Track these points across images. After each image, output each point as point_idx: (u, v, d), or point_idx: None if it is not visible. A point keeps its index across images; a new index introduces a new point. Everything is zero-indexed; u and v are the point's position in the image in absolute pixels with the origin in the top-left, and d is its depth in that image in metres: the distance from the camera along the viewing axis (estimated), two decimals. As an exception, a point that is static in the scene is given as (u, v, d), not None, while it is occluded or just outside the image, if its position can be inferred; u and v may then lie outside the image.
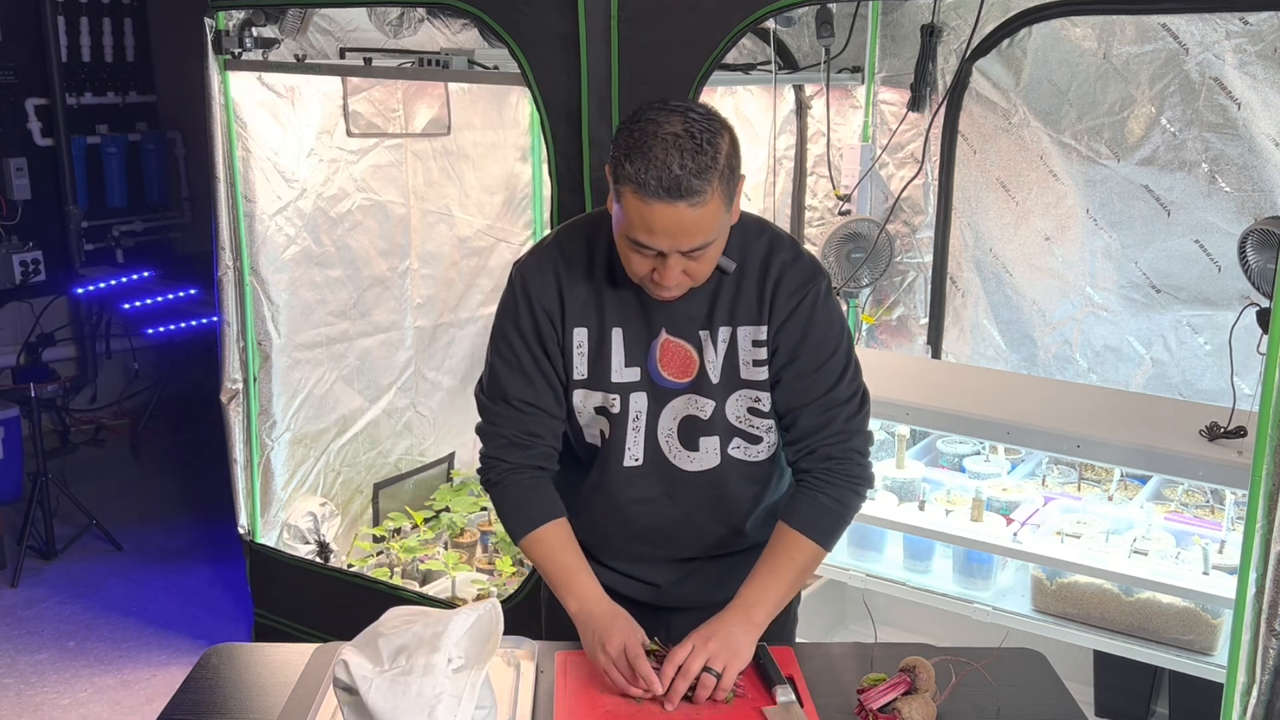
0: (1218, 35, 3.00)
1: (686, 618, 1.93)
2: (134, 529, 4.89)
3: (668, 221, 1.64)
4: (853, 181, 3.68)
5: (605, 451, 1.91)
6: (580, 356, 1.87)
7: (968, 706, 1.75)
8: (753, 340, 1.85)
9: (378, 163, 4.07)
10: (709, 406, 1.87)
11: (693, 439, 1.89)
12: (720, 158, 1.65)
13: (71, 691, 3.72)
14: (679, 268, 1.71)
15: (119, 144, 6.04)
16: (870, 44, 3.65)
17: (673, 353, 1.86)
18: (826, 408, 1.87)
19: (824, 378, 1.86)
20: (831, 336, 1.87)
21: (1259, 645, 1.95)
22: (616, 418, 1.88)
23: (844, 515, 1.89)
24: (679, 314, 1.84)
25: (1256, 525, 1.94)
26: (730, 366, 1.86)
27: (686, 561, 2.00)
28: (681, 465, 1.90)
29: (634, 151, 1.64)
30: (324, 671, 1.82)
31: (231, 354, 3.67)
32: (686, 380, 1.86)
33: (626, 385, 1.87)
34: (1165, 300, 3.25)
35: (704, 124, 1.65)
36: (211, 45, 3.44)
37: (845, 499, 1.88)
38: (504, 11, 2.79)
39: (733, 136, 1.70)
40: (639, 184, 1.63)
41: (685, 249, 1.68)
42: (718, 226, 1.69)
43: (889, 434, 3.27)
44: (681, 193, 1.62)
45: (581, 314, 1.86)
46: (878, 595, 2.99)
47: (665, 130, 1.64)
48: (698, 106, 1.70)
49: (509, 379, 1.88)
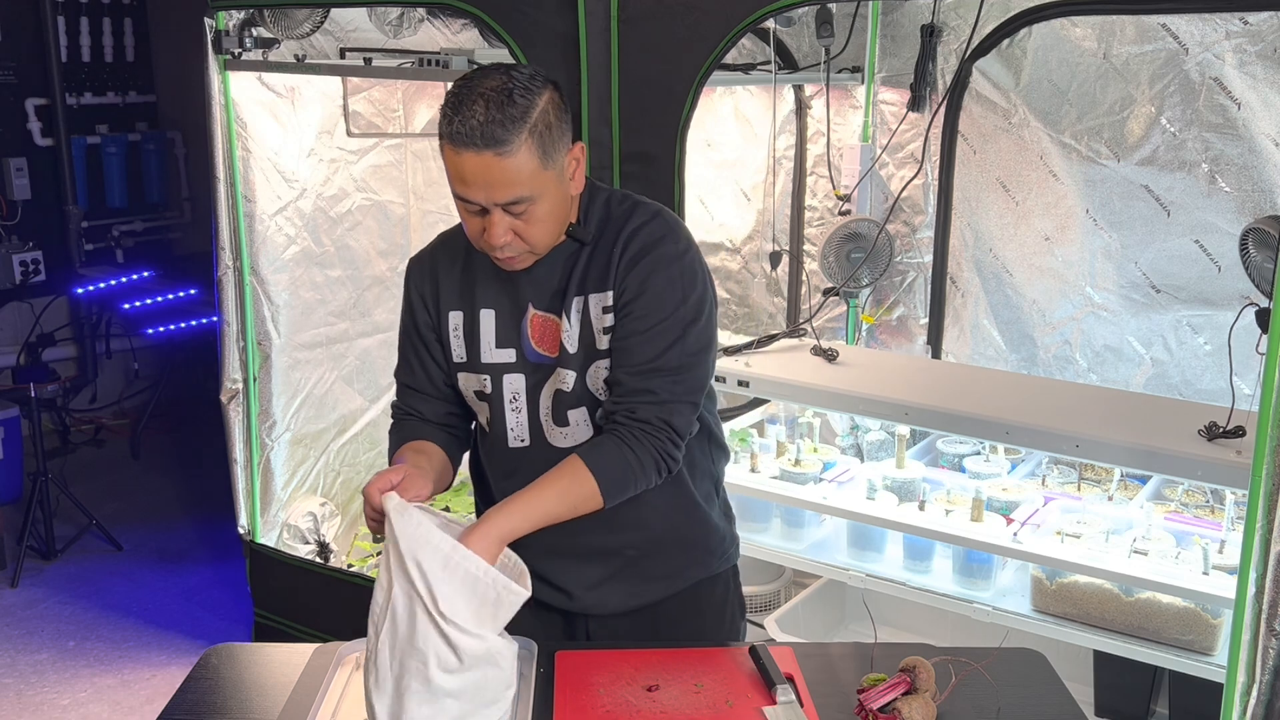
0: (1218, 35, 3.00)
1: (603, 624, 2.01)
2: (134, 529, 4.90)
3: (476, 170, 1.67)
4: (853, 181, 3.68)
5: (493, 435, 1.94)
6: (457, 339, 1.92)
7: (968, 706, 1.75)
8: (602, 307, 1.84)
9: (378, 163, 4.07)
10: (570, 378, 1.86)
11: (561, 414, 1.89)
12: (533, 112, 1.67)
13: (71, 691, 3.72)
14: (504, 225, 1.72)
15: (119, 144, 6.04)
16: (870, 44, 3.65)
17: (541, 327, 1.87)
18: (650, 373, 1.80)
19: (651, 341, 1.80)
20: (671, 301, 1.80)
21: (1259, 645, 1.95)
22: (491, 398, 1.91)
23: (635, 482, 1.81)
24: (542, 288, 1.86)
25: (1256, 525, 1.94)
26: (586, 336, 1.85)
27: (599, 562, 1.97)
28: (556, 442, 1.90)
29: (450, 106, 1.68)
30: (324, 671, 1.82)
31: (231, 354, 3.67)
32: (554, 355, 1.87)
33: (499, 366, 1.89)
34: (1165, 300, 3.25)
35: (523, 81, 1.69)
36: (211, 45, 3.44)
37: (645, 467, 1.80)
38: (504, 11, 2.79)
39: (556, 97, 1.73)
40: (450, 135, 1.67)
41: (501, 201, 1.70)
42: (534, 182, 1.70)
43: (889, 434, 3.27)
44: (485, 141, 1.65)
45: (455, 298, 1.92)
46: (878, 595, 2.99)
47: (483, 85, 1.68)
48: (525, 68, 1.73)
49: (400, 361, 2.01)
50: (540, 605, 2.01)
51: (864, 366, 3.16)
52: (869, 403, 2.92)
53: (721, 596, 2.09)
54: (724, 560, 2.08)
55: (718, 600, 2.08)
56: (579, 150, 1.80)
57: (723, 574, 2.09)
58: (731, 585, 2.12)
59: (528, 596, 1.64)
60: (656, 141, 2.68)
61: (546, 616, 2.02)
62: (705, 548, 2.04)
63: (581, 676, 1.81)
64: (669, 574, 2.00)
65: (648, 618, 2.01)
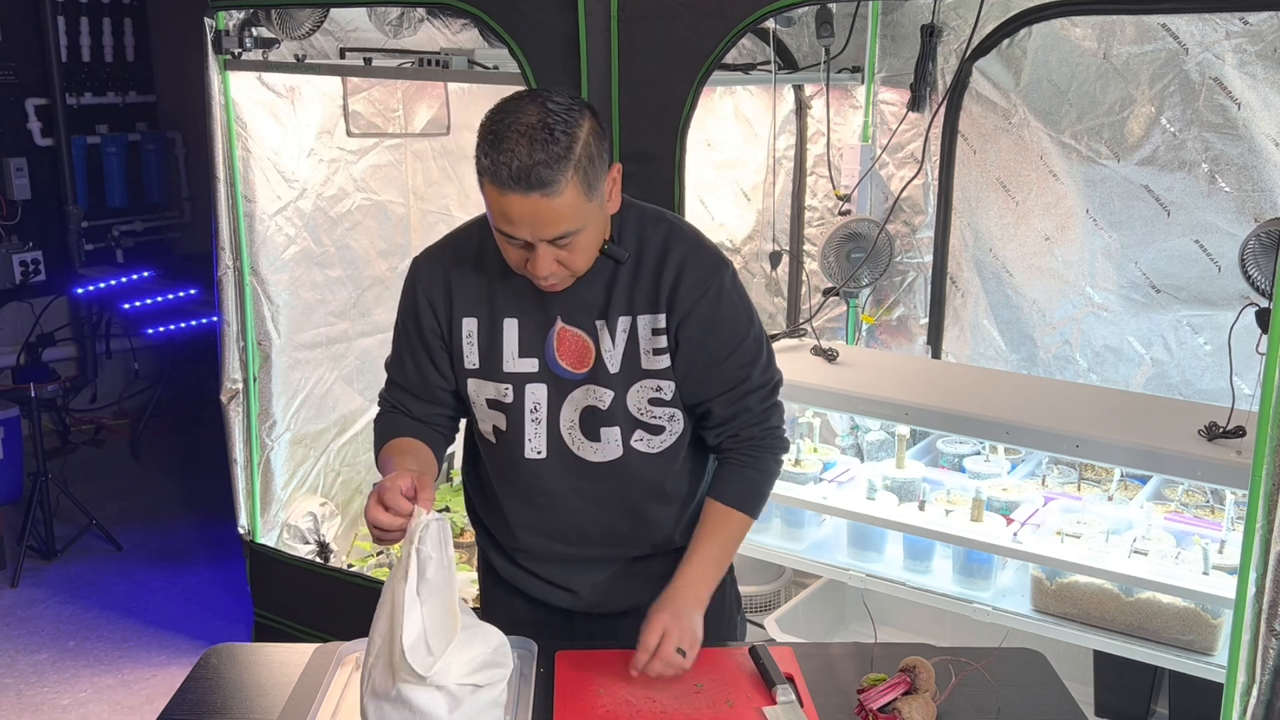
0: (1218, 35, 3.00)
1: (603, 624, 2.00)
2: (134, 529, 4.90)
3: (523, 211, 1.65)
4: (853, 181, 3.68)
5: (506, 443, 1.92)
6: (470, 346, 1.89)
7: (968, 706, 1.75)
8: (652, 329, 1.84)
9: (378, 163, 4.07)
10: (608, 397, 1.86)
11: (593, 429, 1.88)
12: (576, 147, 1.64)
13: (71, 691, 3.72)
14: (550, 256, 1.71)
15: (119, 144, 6.04)
16: (870, 44, 3.65)
17: (569, 343, 1.86)
18: (740, 396, 1.90)
19: (734, 367, 1.88)
20: (740, 325, 1.88)
21: (1259, 645, 1.95)
22: (511, 408, 1.89)
23: (768, 484, 1.96)
24: (574, 304, 1.84)
25: (1256, 525, 1.94)
26: (631, 356, 1.85)
27: (604, 565, 1.99)
28: (585, 456, 1.90)
29: (489, 143, 1.64)
30: (324, 671, 1.83)
31: (231, 354, 3.68)
32: (584, 371, 1.86)
33: (521, 376, 1.87)
34: (1165, 300, 3.25)
35: (561, 114, 1.65)
36: (211, 45, 3.44)
37: (769, 468, 1.96)
38: (504, 11, 2.79)
39: (594, 124, 1.70)
40: (494, 175, 1.64)
41: (548, 238, 1.68)
42: (579, 215, 1.68)
43: (889, 434, 3.27)
44: (533, 183, 1.62)
45: (471, 305, 1.88)
46: (878, 595, 2.99)
47: (521, 121, 1.64)
48: (561, 95, 1.69)
49: (393, 357, 2.00)
50: (541, 605, 2.02)
51: (864, 366, 3.16)
52: (869, 403, 2.92)
53: (719, 594, 2.09)
54: None
55: (716, 598, 2.08)
56: (616, 171, 1.77)
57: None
58: (728, 583, 2.12)
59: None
60: (656, 141, 2.68)
61: (547, 616, 2.02)
62: None
63: (581, 676, 1.81)
64: (669, 574, 2.00)
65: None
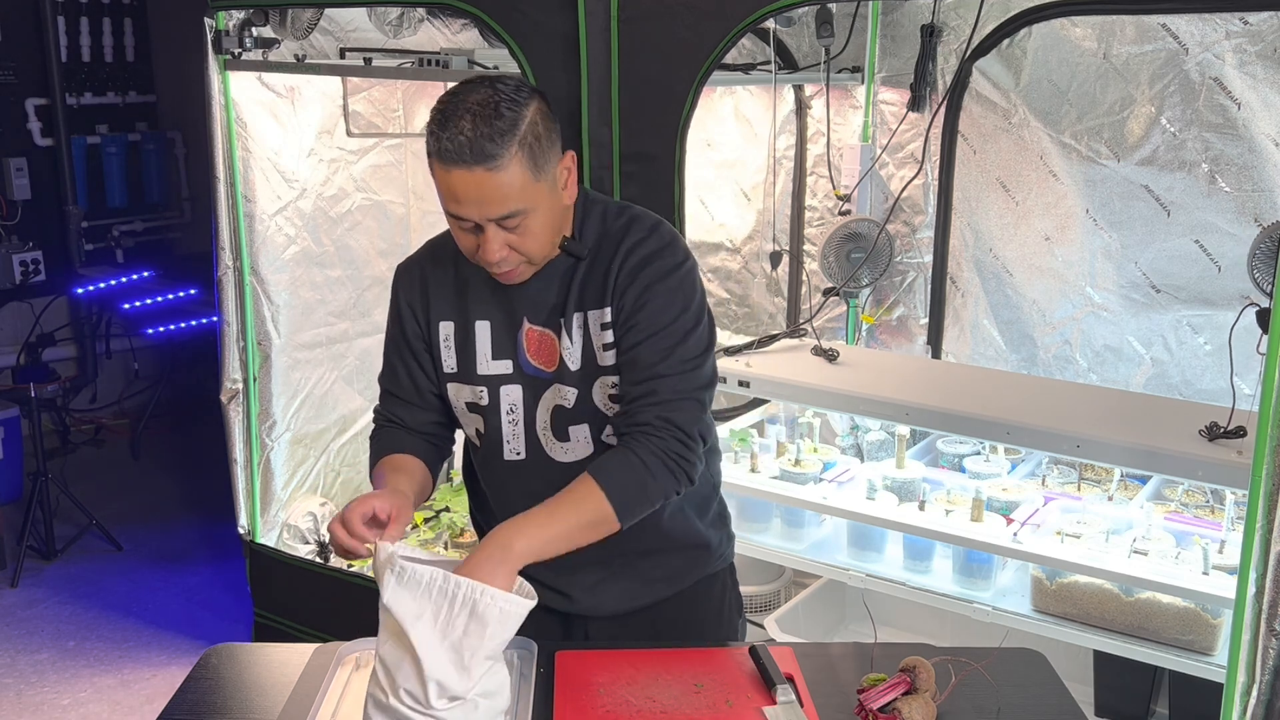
0: (1218, 35, 3.00)
1: (601, 625, 2.00)
2: (134, 529, 4.90)
3: (468, 187, 1.66)
4: (853, 181, 3.68)
5: (489, 446, 1.92)
6: (448, 350, 1.90)
7: (968, 706, 1.75)
8: (600, 324, 1.83)
9: (378, 163, 4.07)
10: (572, 395, 1.86)
11: (563, 429, 1.88)
12: (521, 124, 1.66)
13: (71, 691, 3.72)
14: (499, 240, 1.71)
15: (119, 144, 6.04)
16: (870, 44, 3.65)
17: (537, 342, 1.86)
18: (650, 379, 1.78)
19: (651, 349, 1.78)
20: (671, 311, 1.78)
21: (1259, 645, 1.95)
22: (488, 410, 1.89)
23: (648, 487, 1.74)
24: (538, 302, 1.85)
25: (1256, 525, 1.94)
26: (588, 353, 1.84)
27: (594, 568, 1.97)
28: (556, 456, 1.90)
29: (437, 123, 1.66)
30: (324, 672, 1.83)
31: (231, 354, 3.67)
32: (552, 370, 1.86)
33: (496, 378, 1.88)
34: (1165, 300, 3.25)
35: (509, 94, 1.67)
36: (211, 45, 3.44)
37: (654, 470, 1.74)
38: (504, 11, 2.79)
39: (543, 107, 1.71)
40: (439, 153, 1.65)
41: (494, 216, 1.69)
42: (526, 195, 1.68)
43: (889, 434, 3.27)
44: (476, 157, 1.63)
45: (446, 308, 1.90)
46: (878, 595, 2.99)
47: (469, 100, 1.66)
48: (511, 78, 1.72)
49: (385, 368, 2.00)
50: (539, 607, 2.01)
51: (864, 366, 3.16)
52: (869, 403, 2.92)
53: (719, 595, 2.10)
54: (720, 560, 2.09)
55: (715, 599, 2.09)
56: (570, 159, 1.78)
57: (719, 573, 2.10)
58: (729, 583, 2.13)
59: (533, 605, 1.62)
60: (656, 141, 2.68)
61: (545, 618, 2.01)
62: (703, 549, 2.04)
63: (581, 676, 1.81)
64: (667, 576, 2.00)
65: (646, 618, 2.01)
